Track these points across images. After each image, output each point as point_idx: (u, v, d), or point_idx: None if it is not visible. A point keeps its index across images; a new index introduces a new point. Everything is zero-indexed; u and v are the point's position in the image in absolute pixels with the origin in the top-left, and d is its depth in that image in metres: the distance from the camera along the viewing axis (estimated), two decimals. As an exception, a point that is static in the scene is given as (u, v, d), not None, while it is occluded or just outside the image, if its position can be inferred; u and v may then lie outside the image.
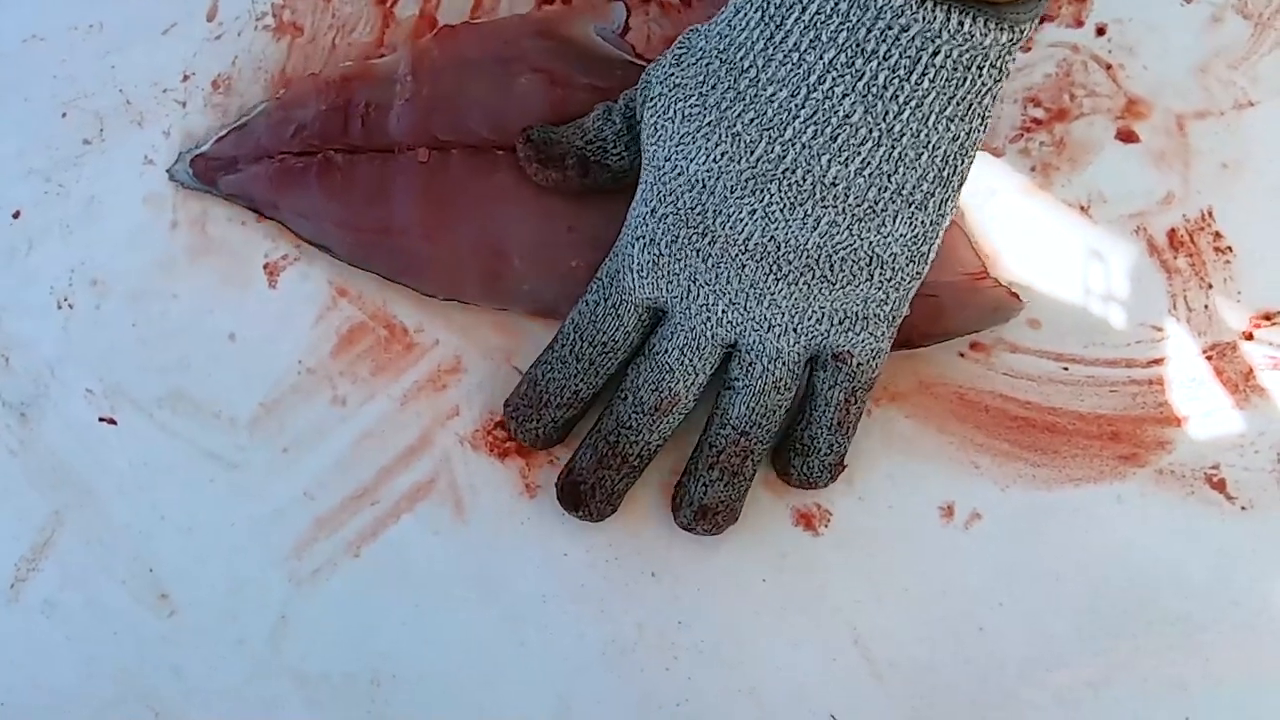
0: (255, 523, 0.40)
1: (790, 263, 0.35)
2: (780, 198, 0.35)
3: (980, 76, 0.32)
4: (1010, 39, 0.32)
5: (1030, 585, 0.38)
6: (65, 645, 0.40)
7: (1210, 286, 0.39)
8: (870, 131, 0.33)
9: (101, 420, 0.41)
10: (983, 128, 0.34)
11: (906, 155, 0.33)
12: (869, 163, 0.33)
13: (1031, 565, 0.38)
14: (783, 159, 0.34)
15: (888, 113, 0.33)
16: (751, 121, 0.34)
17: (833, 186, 0.34)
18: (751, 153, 0.34)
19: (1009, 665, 0.37)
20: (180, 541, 0.40)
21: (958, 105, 0.33)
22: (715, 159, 0.35)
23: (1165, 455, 0.38)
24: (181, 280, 0.42)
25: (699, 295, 0.36)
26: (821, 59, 0.32)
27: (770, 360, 0.37)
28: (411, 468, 0.40)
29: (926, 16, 0.31)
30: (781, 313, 0.36)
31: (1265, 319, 0.38)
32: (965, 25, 0.31)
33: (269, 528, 0.40)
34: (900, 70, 0.32)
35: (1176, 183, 0.39)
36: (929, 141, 0.33)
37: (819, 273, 0.35)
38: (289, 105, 0.42)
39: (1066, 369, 0.39)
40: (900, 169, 0.34)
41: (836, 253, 0.35)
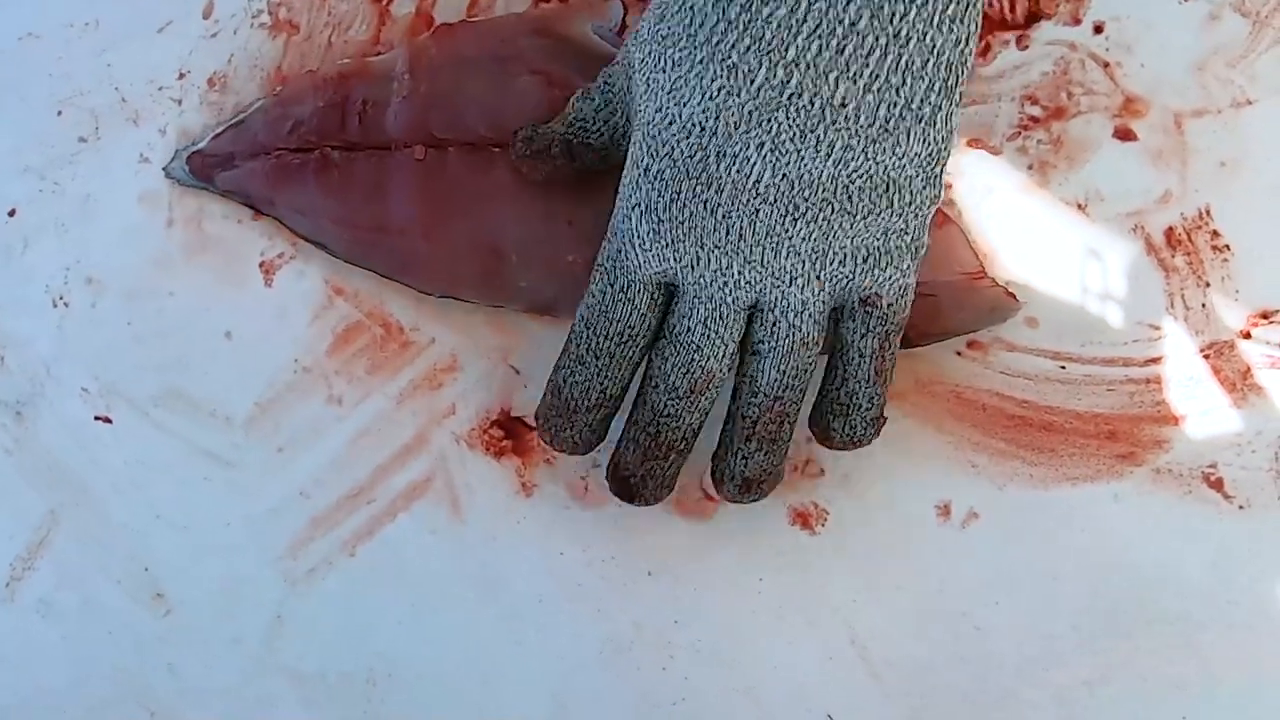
0: (251, 522, 0.40)
1: (807, 199, 0.33)
2: (789, 126, 0.33)
3: None
4: None
5: (1027, 584, 0.38)
6: (61, 644, 0.40)
7: (1208, 285, 0.38)
8: (877, 39, 0.31)
9: (97, 419, 0.41)
10: (978, 30, 0.32)
11: (914, 64, 0.32)
12: (878, 76, 0.32)
13: (1029, 564, 0.38)
14: (786, 84, 0.32)
15: (894, 14, 0.31)
16: (748, 49, 0.32)
17: (842, 108, 0.32)
18: (751, 82, 0.32)
19: (1006, 664, 0.37)
20: (176, 540, 0.40)
21: (959, 2, 0.32)
22: (711, 97, 0.33)
23: (1163, 454, 0.38)
24: (177, 278, 0.42)
25: (710, 260, 0.35)
26: None
27: (795, 315, 0.35)
28: (408, 467, 0.40)
29: None
30: (802, 260, 0.34)
31: (1263, 317, 0.38)
32: None
33: (265, 527, 0.40)
34: None
35: (1174, 181, 0.39)
36: (934, 45, 0.32)
37: (838, 206, 0.34)
38: (286, 102, 0.42)
39: (1064, 368, 0.39)
40: (909, 80, 0.32)
41: (853, 181, 0.33)
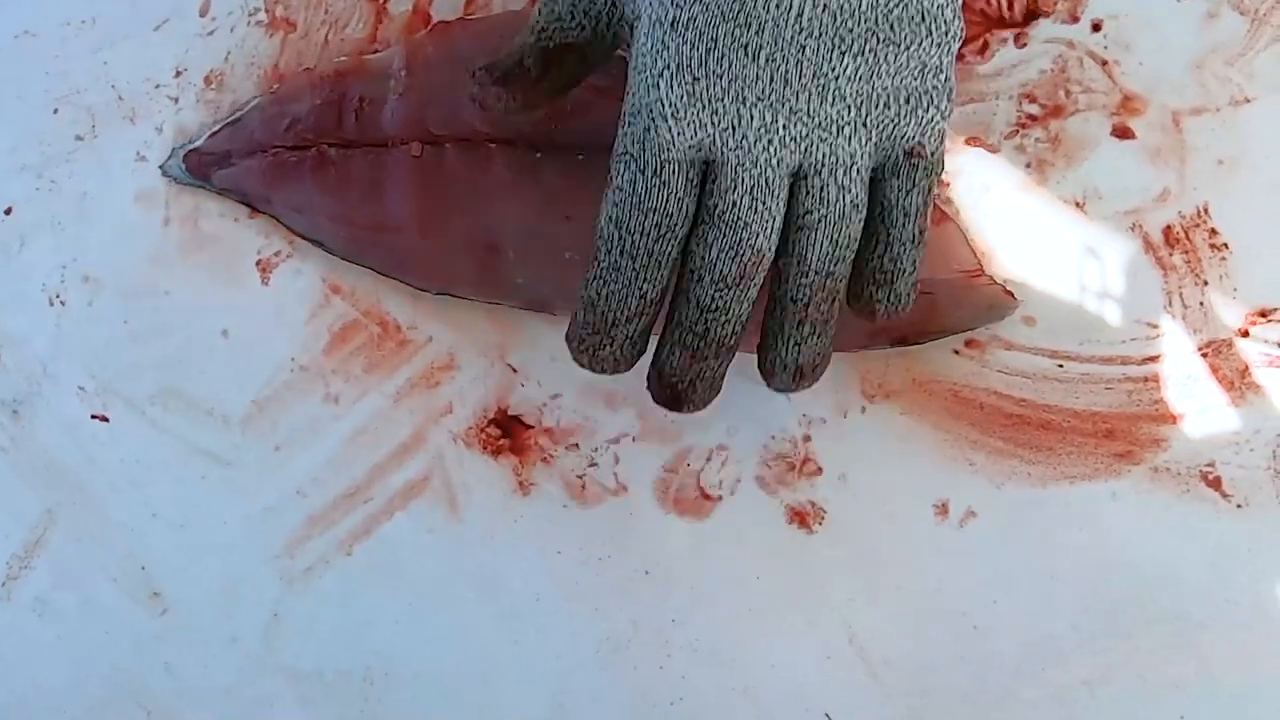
0: (248, 520, 0.40)
1: (851, 30, 0.32)
2: None
3: None
4: None
5: (1026, 583, 0.38)
6: (58, 644, 0.40)
7: (1206, 283, 0.38)
8: None
9: (94, 418, 0.41)
10: None
11: None
12: None
13: (1027, 563, 0.38)
14: None
15: None
16: None
17: None
18: None
19: (1004, 663, 0.37)
20: (173, 539, 0.40)
21: None
22: None
23: (1161, 453, 0.38)
24: (174, 277, 0.42)
25: (754, 116, 0.32)
26: None
27: (844, 173, 0.33)
28: (405, 465, 0.40)
29: None
30: (848, 106, 0.32)
31: (1261, 316, 0.38)
32: None
33: (262, 525, 0.40)
34: None
35: (1172, 179, 0.39)
36: None
37: (883, 36, 0.32)
38: (283, 100, 0.42)
39: (1061, 366, 0.39)
40: None
41: (892, 11, 0.32)
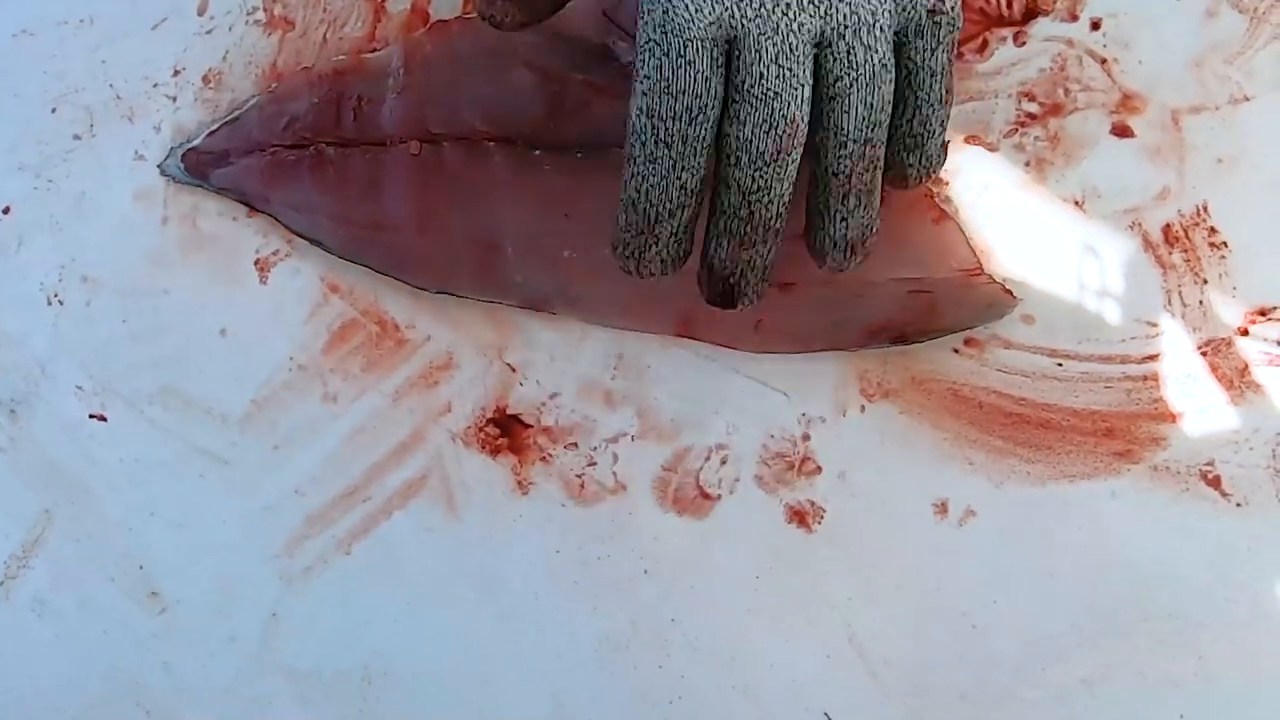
0: (246, 519, 0.40)
1: None
2: None
3: None
4: None
5: (1025, 582, 0.38)
6: (56, 643, 0.40)
7: (1205, 282, 0.38)
8: None
9: (92, 417, 0.41)
10: None
11: None
12: None
13: (1026, 562, 0.38)
14: None
15: None
16: None
17: None
18: None
19: (1004, 662, 0.37)
20: (171, 538, 0.40)
21: None
22: None
23: (1160, 451, 0.38)
24: (172, 276, 0.42)
25: None
26: None
27: (868, 33, 0.32)
28: (403, 465, 0.40)
29: None
30: None
31: (1260, 314, 0.38)
32: None
33: (260, 524, 0.40)
34: None
35: (1171, 178, 0.39)
36: None
37: None
38: (281, 98, 0.42)
39: (1061, 365, 0.38)
40: None
41: None
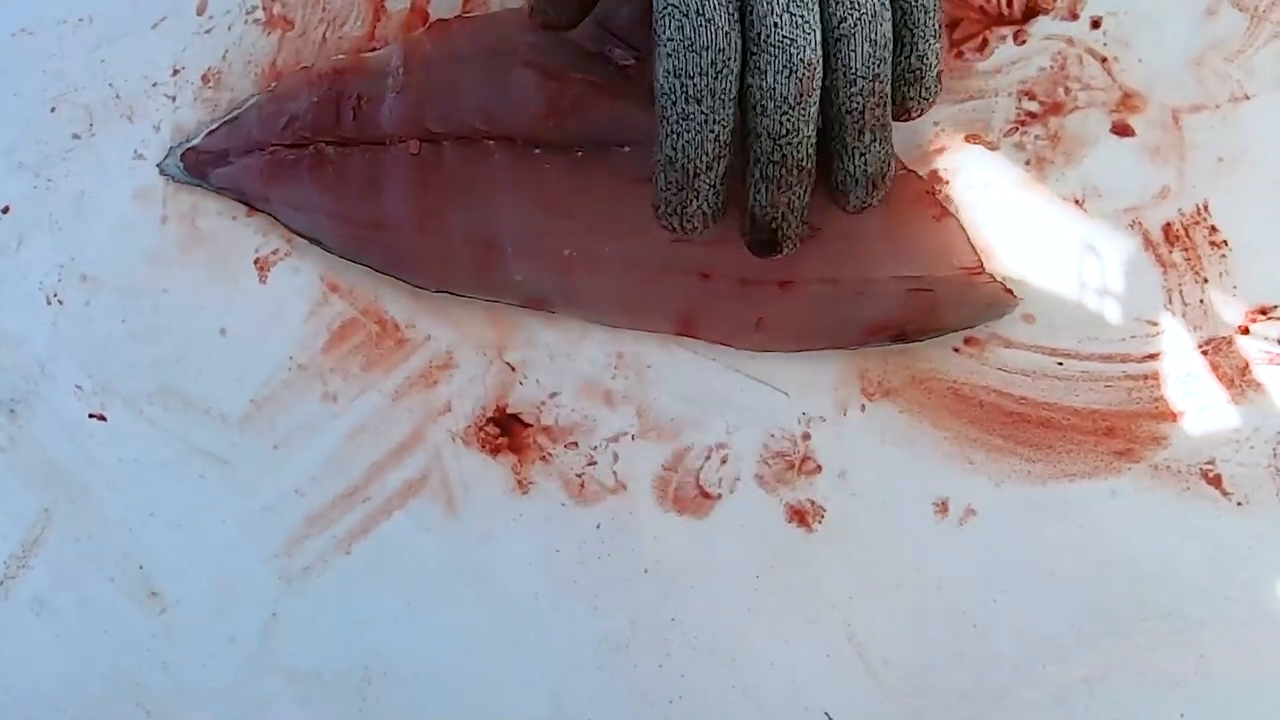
0: (246, 519, 0.40)
1: None
2: None
3: None
4: None
5: (1025, 582, 0.38)
6: (55, 643, 0.40)
7: (1206, 281, 0.38)
8: None
9: (91, 417, 0.41)
10: None
11: None
12: None
13: (1026, 561, 0.38)
14: None
15: None
16: None
17: None
18: None
19: (1004, 662, 0.37)
20: (171, 538, 0.40)
21: None
22: None
23: (1161, 450, 0.38)
24: (172, 275, 0.42)
25: None
26: None
27: None
28: (403, 464, 0.40)
29: None
30: None
31: (1261, 313, 0.38)
32: None
33: (260, 524, 0.40)
34: None
35: (1172, 176, 0.39)
36: None
37: None
38: (281, 98, 0.42)
39: (1061, 364, 0.38)
40: None
41: None
